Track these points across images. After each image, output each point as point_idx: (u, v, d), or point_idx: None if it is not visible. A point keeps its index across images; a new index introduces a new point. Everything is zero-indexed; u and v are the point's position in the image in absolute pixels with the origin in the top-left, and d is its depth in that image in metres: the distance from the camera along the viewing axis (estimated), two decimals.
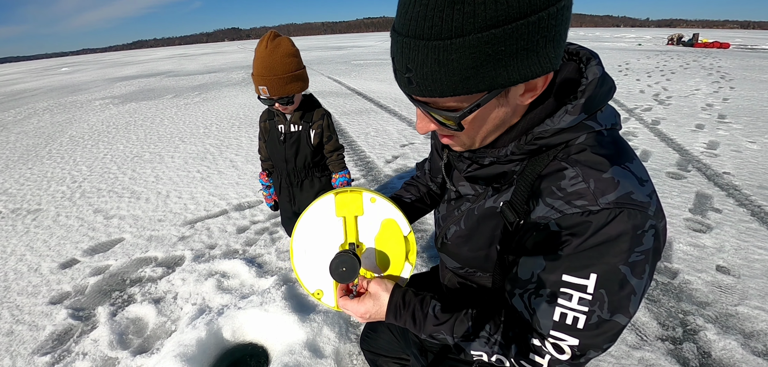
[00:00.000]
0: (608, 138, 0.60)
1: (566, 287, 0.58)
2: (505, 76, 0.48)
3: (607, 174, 0.55)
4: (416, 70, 0.50)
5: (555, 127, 0.58)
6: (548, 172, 0.60)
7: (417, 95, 0.54)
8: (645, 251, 0.55)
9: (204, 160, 4.60)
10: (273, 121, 1.78)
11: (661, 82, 9.19)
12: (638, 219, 0.54)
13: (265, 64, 1.52)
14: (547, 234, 0.59)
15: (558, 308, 0.59)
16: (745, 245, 2.51)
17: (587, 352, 0.60)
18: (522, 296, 0.64)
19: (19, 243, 2.91)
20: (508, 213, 0.65)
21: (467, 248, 0.76)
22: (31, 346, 1.92)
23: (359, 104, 7.57)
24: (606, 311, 0.57)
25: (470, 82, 0.49)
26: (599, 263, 0.55)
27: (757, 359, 1.69)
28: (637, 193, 0.55)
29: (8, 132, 6.91)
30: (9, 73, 28.39)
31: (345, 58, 20.20)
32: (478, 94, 0.51)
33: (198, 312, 2.04)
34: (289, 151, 1.75)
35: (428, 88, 0.51)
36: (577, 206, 0.55)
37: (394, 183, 3.71)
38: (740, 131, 5.05)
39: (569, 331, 0.59)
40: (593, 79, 0.59)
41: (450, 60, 0.47)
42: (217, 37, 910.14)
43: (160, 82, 13.68)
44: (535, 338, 0.63)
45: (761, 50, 19.89)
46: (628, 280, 0.55)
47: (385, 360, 1.19)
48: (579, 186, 0.56)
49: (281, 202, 1.92)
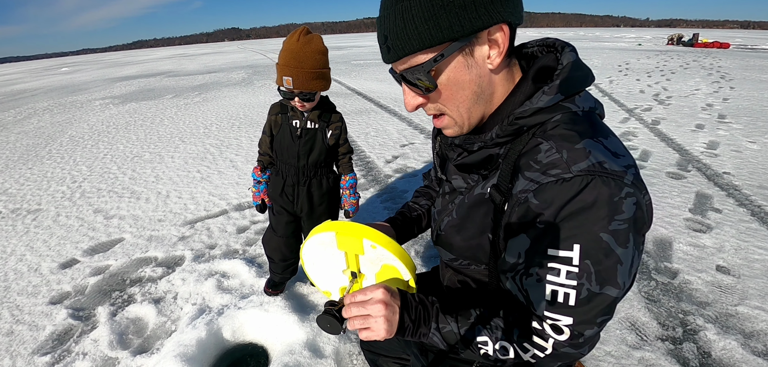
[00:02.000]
0: (583, 117, 0.64)
1: (552, 261, 0.59)
2: (458, 25, 0.57)
3: (579, 145, 0.59)
4: (390, 34, 0.61)
5: (533, 108, 0.63)
6: (527, 149, 0.64)
7: (394, 60, 0.64)
8: (626, 219, 0.56)
9: (204, 160, 4.60)
10: (286, 115, 1.73)
11: (661, 82, 9.19)
12: (612, 186, 0.55)
13: (294, 56, 1.50)
14: (526, 208, 0.61)
15: (548, 286, 0.60)
16: (745, 245, 2.51)
17: (584, 330, 0.61)
18: (514, 278, 0.66)
19: (19, 243, 2.91)
20: (496, 195, 0.68)
21: (460, 237, 0.77)
22: (31, 346, 1.92)
23: (359, 104, 7.57)
24: (594, 283, 0.58)
25: (431, 32, 0.58)
26: (580, 232, 0.56)
27: (757, 359, 1.69)
28: (610, 163, 0.57)
29: (8, 132, 6.91)
30: (9, 73, 28.38)
31: (345, 58, 20.19)
32: (441, 46, 0.59)
33: (198, 312, 2.04)
34: (303, 147, 1.72)
35: (400, 47, 0.61)
36: (551, 175, 0.58)
37: (394, 183, 3.71)
38: (740, 131, 5.05)
39: (562, 309, 0.60)
40: (567, 64, 0.64)
41: (411, 15, 0.58)
42: (217, 37, 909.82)
43: (160, 82, 13.68)
44: (534, 321, 0.64)
45: (761, 50, 19.89)
46: (613, 249, 0.56)
47: (385, 360, 1.19)
48: (553, 156, 0.59)
49: (279, 201, 1.86)
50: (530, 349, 0.65)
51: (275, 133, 1.78)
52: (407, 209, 1.07)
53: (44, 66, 39.05)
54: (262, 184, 1.89)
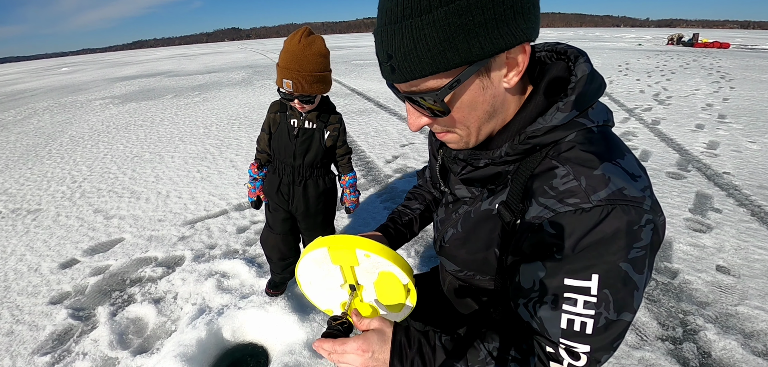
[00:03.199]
0: (598, 135, 0.60)
1: (569, 292, 0.57)
2: (478, 47, 0.50)
3: (598, 171, 0.55)
4: (396, 55, 0.53)
5: (547, 126, 0.59)
6: (540, 171, 0.60)
7: (400, 81, 0.56)
8: (644, 246, 0.54)
9: (204, 160, 4.60)
10: (285, 114, 1.73)
11: (661, 82, 9.19)
12: (632, 214, 0.53)
13: (295, 59, 1.50)
14: (541, 235, 0.58)
15: (564, 315, 0.58)
16: (745, 245, 2.51)
17: (601, 356, 0.59)
18: (526, 305, 0.63)
19: (19, 243, 2.91)
20: (505, 213, 0.65)
21: (465, 250, 0.76)
22: (31, 346, 1.92)
23: (359, 104, 7.57)
24: (612, 312, 0.56)
25: (447, 56, 0.50)
26: (599, 262, 0.54)
27: (757, 359, 1.69)
28: (630, 188, 0.54)
29: (8, 132, 6.91)
30: (9, 73, 28.38)
31: (345, 58, 20.19)
32: (456, 70, 0.52)
33: (198, 312, 2.04)
34: (300, 147, 1.71)
35: (409, 70, 0.53)
36: (569, 204, 0.55)
37: (394, 183, 3.71)
38: (740, 131, 5.05)
39: (579, 338, 0.58)
40: (582, 76, 0.59)
41: (424, 36, 0.50)
42: (217, 37, 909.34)
43: (160, 82, 13.68)
44: (548, 346, 0.61)
45: (761, 50, 19.89)
46: (631, 276, 0.55)
47: None
48: (570, 184, 0.56)
49: (275, 199, 1.85)
50: None
51: (273, 132, 1.78)
52: (398, 215, 1.04)
53: (44, 66, 39.06)
54: (258, 181, 1.89)
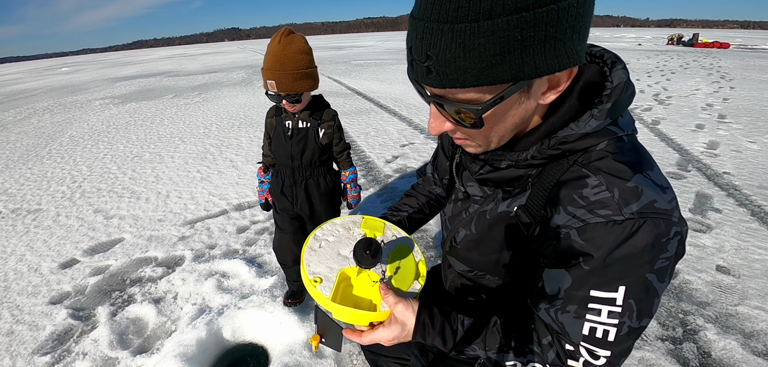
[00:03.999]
0: (629, 145, 0.59)
1: (594, 303, 0.57)
2: (532, 66, 0.45)
3: (631, 183, 0.54)
4: (438, 57, 0.46)
5: (580, 132, 0.57)
6: (568, 178, 0.58)
7: (436, 86, 0.50)
8: (669, 257, 0.55)
9: (204, 160, 4.60)
10: (280, 117, 1.75)
11: (661, 82, 9.19)
12: (662, 228, 0.53)
13: (276, 59, 1.50)
14: (569, 244, 0.57)
15: (587, 323, 0.58)
16: (745, 245, 2.51)
17: (619, 361, 0.61)
18: (548, 310, 0.63)
19: (19, 243, 2.91)
20: (524, 218, 0.64)
21: (478, 252, 0.75)
22: (31, 346, 1.92)
23: (359, 104, 7.57)
24: (635, 320, 0.57)
25: (496, 70, 0.45)
26: (627, 275, 0.55)
27: (757, 359, 1.69)
28: (661, 201, 0.54)
29: (8, 132, 6.91)
30: (9, 73, 28.38)
31: (345, 58, 20.19)
32: (502, 86, 0.48)
33: (198, 312, 2.04)
34: (296, 147, 1.72)
35: (450, 78, 0.47)
36: (600, 215, 0.54)
37: (394, 183, 3.71)
38: (740, 131, 5.05)
39: (600, 344, 0.59)
40: (619, 84, 0.57)
41: (476, 45, 0.44)
42: (217, 37, 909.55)
43: (160, 82, 13.67)
44: (568, 344, 0.62)
45: (761, 50, 19.89)
46: (654, 286, 0.56)
47: (386, 360, 1.19)
48: (603, 195, 0.55)
49: (280, 201, 1.87)
50: None
51: (272, 135, 1.80)
52: (390, 213, 1.04)
53: (44, 66, 39.06)
54: (265, 184, 1.92)
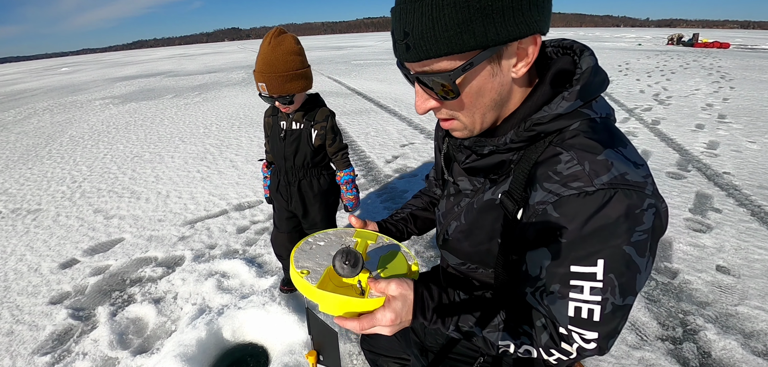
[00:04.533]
0: (601, 125, 0.62)
1: (575, 279, 0.58)
2: (494, 33, 0.52)
3: (601, 156, 0.57)
4: (412, 32, 0.54)
5: (552, 113, 0.61)
6: (544, 157, 0.62)
7: (414, 60, 0.57)
8: (646, 230, 0.56)
9: (204, 160, 4.60)
10: (276, 117, 1.76)
11: (661, 82, 9.19)
12: (634, 199, 0.55)
13: (266, 61, 1.49)
14: (546, 220, 0.60)
15: (571, 303, 0.60)
16: (745, 245, 2.51)
17: (608, 341, 0.62)
18: (534, 293, 0.64)
19: (19, 243, 2.91)
20: (508, 202, 0.66)
21: (468, 243, 0.77)
22: (31, 346, 1.92)
23: (359, 104, 7.57)
24: (618, 296, 0.58)
25: (463, 38, 0.52)
26: (604, 247, 0.56)
27: (757, 359, 1.69)
28: (632, 173, 0.56)
29: (8, 132, 6.91)
30: (9, 73, 28.39)
31: (345, 58, 20.20)
32: (470, 53, 0.54)
33: (198, 312, 2.04)
34: (289, 148, 1.72)
35: (424, 49, 0.55)
36: (573, 187, 0.57)
37: (394, 183, 3.71)
38: (740, 131, 5.05)
39: (587, 324, 0.60)
40: (587, 68, 0.62)
41: (443, 16, 0.52)
42: (217, 37, 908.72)
43: (160, 82, 13.68)
44: (561, 327, 0.63)
45: (761, 50, 19.89)
46: (634, 260, 0.56)
47: (386, 360, 1.19)
48: (574, 168, 0.58)
49: (277, 198, 1.89)
50: (556, 353, 0.65)
51: (269, 134, 1.83)
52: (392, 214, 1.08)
53: (44, 66, 39.07)
54: (268, 180, 1.97)
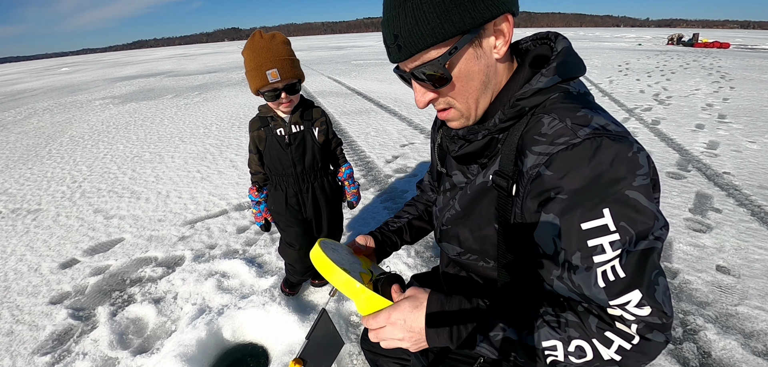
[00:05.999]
0: (578, 96, 0.66)
1: (591, 238, 0.56)
2: (470, 17, 0.59)
3: (581, 112, 0.61)
4: (401, 33, 0.62)
5: (533, 88, 0.65)
6: (529, 128, 0.66)
7: (406, 58, 0.64)
8: (646, 173, 0.56)
9: (204, 160, 4.60)
10: (268, 127, 1.66)
11: (661, 82, 9.19)
12: (622, 144, 0.56)
13: (269, 50, 1.48)
14: (541, 181, 0.61)
15: (598, 271, 0.56)
16: (745, 245, 2.51)
17: (655, 294, 0.56)
18: (560, 277, 0.61)
19: (19, 243, 2.91)
20: (500, 180, 0.68)
21: (467, 229, 0.78)
22: (31, 346, 1.92)
23: (359, 104, 7.57)
24: (637, 243, 0.55)
25: (444, 27, 0.59)
26: (606, 195, 0.55)
27: (757, 359, 1.69)
28: (613, 126, 0.59)
29: (8, 132, 6.91)
30: (9, 73, 28.37)
31: (345, 58, 20.19)
32: (453, 39, 0.61)
33: (198, 312, 2.04)
34: (296, 153, 1.67)
35: (413, 44, 0.61)
36: (560, 143, 0.59)
37: (394, 183, 3.71)
38: (740, 131, 5.05)
39: (622, 288, 0.55)
40: (562, 49, 0.68)
41: (423, 12, 0.59)
42: (217, 37, 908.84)
43: (160, 82, 13.68)
44: (608, 309, 0.58)
45: (761, 50, 19.89)
46: (642, 204, 0.55)
47: (386, 360, 1.19)
48: (557, 126, 0.61)
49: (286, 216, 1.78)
50: (615, 339, 0.58)
51: (262, 149, 1.70)
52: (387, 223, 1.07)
53: (44, 66, 39.06)
54: (261, 204, 1.82)
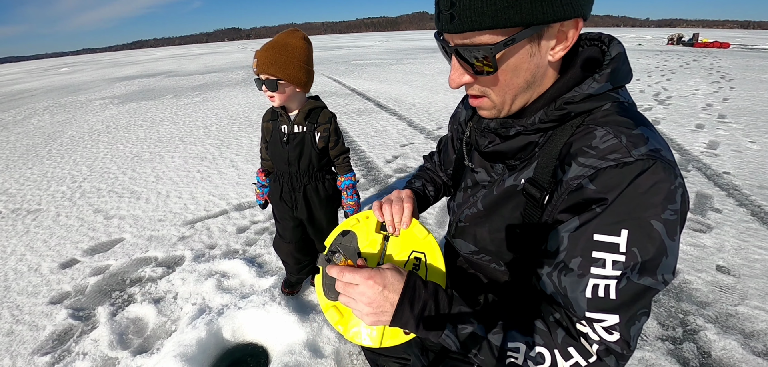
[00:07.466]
0: (630, 108, 0.63)
1: (598, 250, 0.55)
2: (540, 11, 0.53)
3: (637, 131, 0.57)
4: (459, 2, 0.54)
5: (583, 94, 0.61)
6: (578, 135, 0.62)
7: (457, 31, 0.57)
8: (676, 210, 0.55)
9: (204, 160, 4.60)
10: (276, 121, 1.71)
11: (661, 82, 9.19)
12: (670, 174, 0.54)
13: (270, 42, 1.52)
14: (581, 194, 0.58)
15: (590, 282, 0.56)
16: (745, 245, 2.51)
17: (630, 328, 0.56)
18: (550, 275, 0.60)
19: (19, 243, 2.91)
20: (532, 189, 0.65)
21: (485, 229, 0.75)
22: (31, 346, 1.92)
23: (359, 104, 7.57)
24: (637, 274, 0.54)
25: (509, 13, 0.52)
26: (631, 217, 0.54)
27: (757, 359, 1.69)
28: (665, 152, 0.57)
29: (8, 132, 6.91)
30: (9, 73, 28.37)
31: (345, 58, 20.19)
32: (514, 29, 0.54)
33: (198, 312, 2.04)
34: (293, 152, 1.68)
35: (469, 20, 0.54)
36: (611, 159, 0.56)
37: (394, 183, 3.71)
38: (740, 131, 5.05)
39: (605, 306, 0.55)
40: (617, 54, 0.63)
41: None
42: (217, 37, 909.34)
43: (160, 82, 13.67)
44: (578, 323, 0.58)
45: (761, 50, 19.88)
46: (662, 239, 0.54)
47: (386, 360, 1.19)
48: (611, 141, 0.57)
49: (280, 208, 1.83)
50: (575, 355, 0.58)
51: (268, 140, 1.77)
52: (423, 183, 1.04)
53: (44, 66, 39.05)
54: (266, 187, 1.91)
